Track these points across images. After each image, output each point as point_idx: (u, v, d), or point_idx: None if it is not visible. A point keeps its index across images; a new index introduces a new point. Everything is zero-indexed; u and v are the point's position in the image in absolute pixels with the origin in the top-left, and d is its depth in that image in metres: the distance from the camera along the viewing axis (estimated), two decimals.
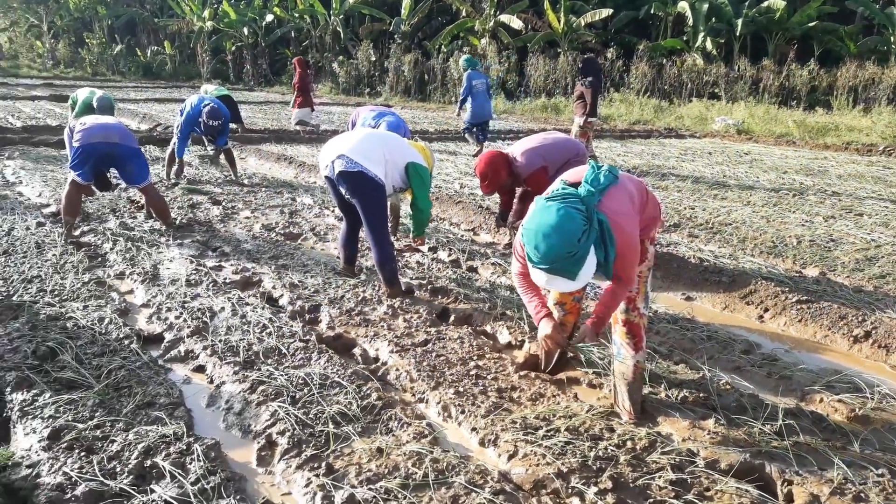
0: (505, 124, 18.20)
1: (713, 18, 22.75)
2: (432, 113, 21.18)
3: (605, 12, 23.48)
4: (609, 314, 2.81)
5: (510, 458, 2.60)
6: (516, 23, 24.93)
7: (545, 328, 2.89)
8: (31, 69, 35.47)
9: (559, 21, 24.13)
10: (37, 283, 4.26)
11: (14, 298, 3.98)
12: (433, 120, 18.49)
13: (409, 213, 6.64)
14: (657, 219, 3.01)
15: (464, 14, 26.91)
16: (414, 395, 3.17)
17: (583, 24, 24.10)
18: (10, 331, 3.50)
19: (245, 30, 32.57)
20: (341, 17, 30.10)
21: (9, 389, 2.93)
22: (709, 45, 22.52)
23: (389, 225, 4.88)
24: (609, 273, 2.59)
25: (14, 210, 6.15)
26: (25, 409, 2.77)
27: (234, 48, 33.69)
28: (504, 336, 3.89)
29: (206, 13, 33.04)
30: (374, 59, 28.48)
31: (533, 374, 3.33)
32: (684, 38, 23.60)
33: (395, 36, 28.03)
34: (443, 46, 26.67)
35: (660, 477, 2.46)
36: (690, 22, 23.02)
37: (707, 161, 11.90)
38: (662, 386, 3.24)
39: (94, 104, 8.28)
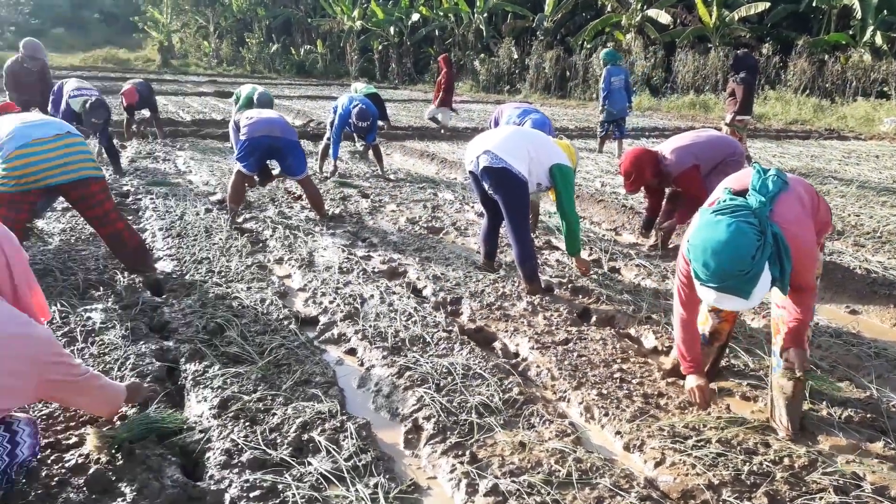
0: (649, 121, 17.63)
1: (885, 10, 20.73)
2: (572, 110, 20.90)
3: (762, 6, 22.06)
4: (805, 328, 2.63)
5: (657, 465, 2.52)
6: (664, 17, 24.04)
7: (692, 382, 2.81)
8: (199, 67, 38.61)
9: (710, 15, 22.97)
10: (206, 264, 4.65)
11: (187, 277, 4.37)
12: (573, 117, 18.24)
13: (547, 213, 6.62)
14: (828, 224, 2.81)
15: (609, 9, 26.31)
16: (555, 393, 3.15)
17: (736, 18, 22.79)
18: (184, 307, 3.85)
19: (391, 29, 33.65)
20: (485, 14, 30.36)
21: (183, 360, 3.22)
22: (878, 39, 20.54)
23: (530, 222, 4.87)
24: (785, 288, 2.42)
25: (186, 197, 6.74)
26: (197, 378, 3.04)
27: (380, 47, 34.90)
28: (650, 341, 3.78)
29: (355, 13, 34.47)
30: (515, 56, 28.50)
31: (681, 382, 3.22)
32: (850, 33, 21.69)
33: (538, 32, 27.90)
34: (585, 42, 26.22)
35: (821, 499, 2.30)
36: (858, 14, 21.10)
37: (874, 165, 10.91)
38: (824, 403, 3.02)
39: (255, 99, 8.88)
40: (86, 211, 4.06)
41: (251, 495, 2.22)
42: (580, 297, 4.41)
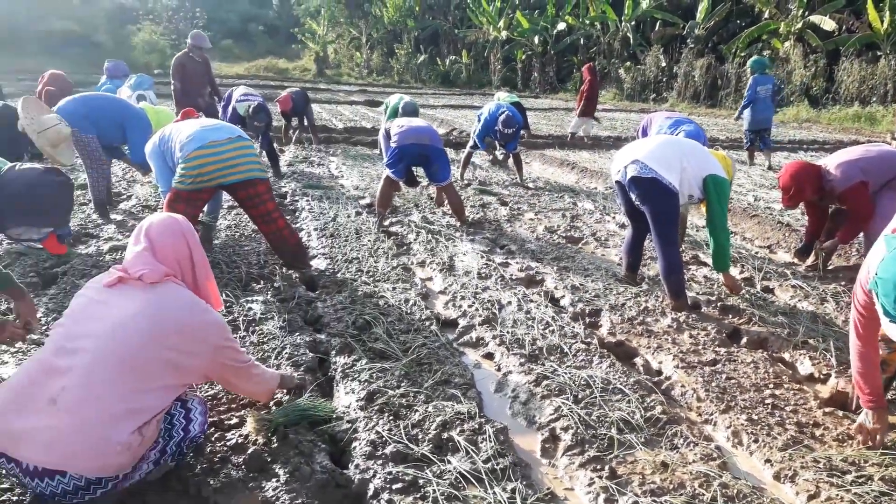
0: (807, 134, 16.45)
1: None
2: (722, 120, 19.89)
3: None
4: None
5: (810, 498, 2.37)
6: (828, 24, 22.29)
7: (868, 418, 2.62)
8: (350, 77, 40.55)
9: (882, 21, 21.03)
10: (355, 263, 4.89)
11: (338, 275, 4.62)
12: (723, 127, 17.36)
13: (695, 226, 6.35)
14: None
15: (766, 16, 24.79)
16: (700, 414, 3.03)
17: None
18: (335, 302, 4.07)
19: (535, 38, 33.67)
20: (632, 22, 29.64)
21: (334, 353, 3.41)
22: None
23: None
24: None
25: (338, 200, 7.11)
26: (346, 371, 3.21)
27: (523, 56, 35.02)
28: (805, 367, 3.54)
29: (501, 23, 34.81)
30: (662, 64, 27.59)
31: (840, 413, 2.99)
32: None
33: (688, 40, 26.84)
34: (739, 50, 24.89)
35: None
36: None
37: None
38: None
39: (401, 108, 9.20)
40: (251, 209, 4.41)
41: (393, 487, 2.31)
42: (730, 316, 4.20)
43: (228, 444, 2.53)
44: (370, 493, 2.32)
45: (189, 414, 2.32)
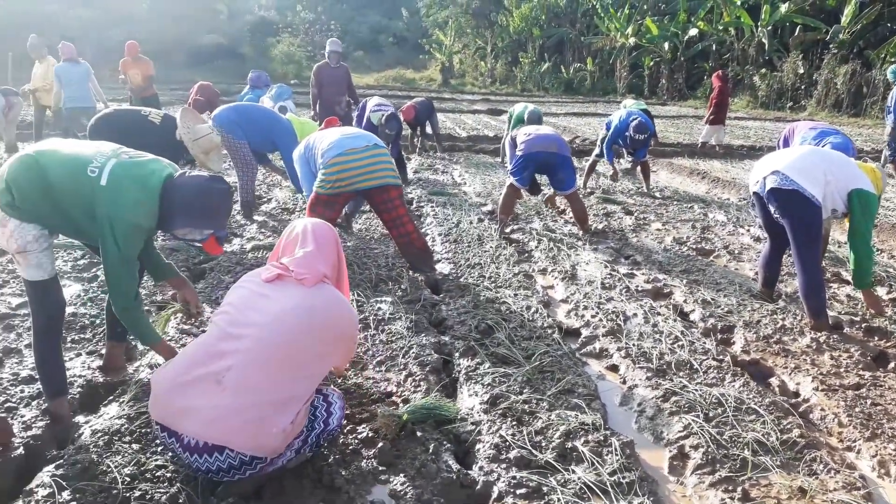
0: None
1: None
2: (867, 130, 18.43)
3: None
4: None
5: None
6: None
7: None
8: (474, 86, 41.00)
9: None
10: (478, 269, 4.96)
11: (461, 280, 4.70)
12: (868, 137, 16.08)
13: (836, 242, 5.94)
14: None
15: None
16: (842, 441, 2.84)
17: None
18: (458, 306, 4.15)
19: (665, 45, 32.65)
20: (769, 27, 28.07)
21: (457, 355, 3.48)
22: None
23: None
24: None
25: (461, 206, 7.23)
26: (469, 374, 3.26)
27: (651, 63, 34.04)
28: None
29: (629, 30, 34.04)
30: (801, 70, 25.92)
31: None
32: None
33: (831, 45, 25.06)
34: (889, 56, 22.96)
35: None
36: None
37: None
38: None
39: (525, 117, 9.21)
40: (382, 213, 4.59)
41: (517, 492, 2.33)
42: (875, 338, 3.91)
43: (359, 437, 2.65)
44: (494, 495, 2.35)
45: (329, 407, 2.45)
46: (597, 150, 8.49)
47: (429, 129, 11.68)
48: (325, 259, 2.48)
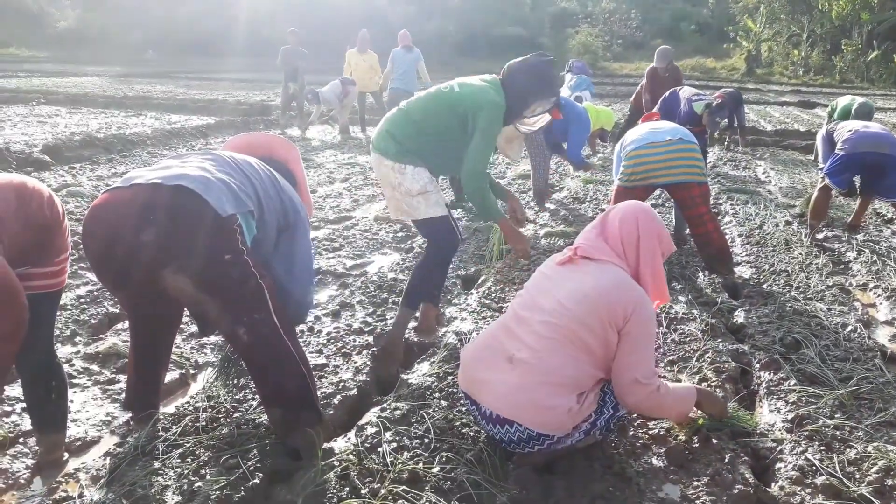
0: None
1: None
2: None
3: None
4: None
5: None
6: None
7: None
8: (783, 76, 37.21)
9: None
10: (783, 276, 4.57)
11: (764, 286, 4.38)
12: None
13: None
14: None
15: None
16: None
17: None
18: (760, 315, 3.88)
19: None
20: None
21: (758, 366, 3.27)
22: None
23: None
24: None
25: (766, 206, 6.69)
26: (771, 388, 3.05)
27: None
28: None
29: None
30: None
31: None
32: None
33: None
34: None
35: None
36: None
37: None
38: None
39: (853, 111, 8.10)
40: (684, 210, 4.46)
41: None
42: None
43: (650, 432, 2.65)
44: None
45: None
46: None
47: (733, 122, 10.91)
48: (612, 238, 2.46)
